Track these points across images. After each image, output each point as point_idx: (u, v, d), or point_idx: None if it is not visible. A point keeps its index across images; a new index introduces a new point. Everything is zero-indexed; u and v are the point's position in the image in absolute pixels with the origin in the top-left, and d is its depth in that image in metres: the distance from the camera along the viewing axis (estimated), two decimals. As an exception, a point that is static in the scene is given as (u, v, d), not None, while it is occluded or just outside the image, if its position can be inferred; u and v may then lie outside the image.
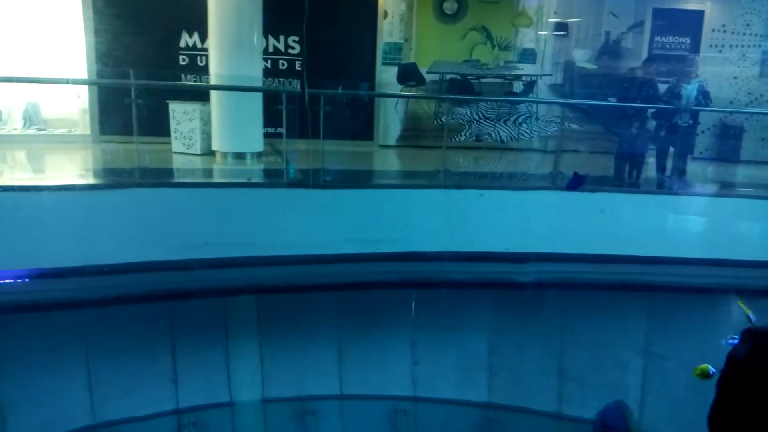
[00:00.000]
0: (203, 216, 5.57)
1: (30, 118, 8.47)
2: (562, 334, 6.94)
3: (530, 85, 9.50)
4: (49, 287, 5.20)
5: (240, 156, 7.36)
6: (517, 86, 9.82)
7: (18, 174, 6.59)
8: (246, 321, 6.63)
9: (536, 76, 9.65)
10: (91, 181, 6.89)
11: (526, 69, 9.86)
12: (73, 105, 8.67)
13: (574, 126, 7.54)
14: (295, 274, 5.84)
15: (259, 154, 7.42)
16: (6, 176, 5.45)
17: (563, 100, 8.74)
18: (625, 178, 6.96)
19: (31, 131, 8.39)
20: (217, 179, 7.29)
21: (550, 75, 9.91)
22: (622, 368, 6.83)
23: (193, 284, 5.58)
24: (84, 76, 8.00)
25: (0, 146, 6.88)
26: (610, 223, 6.18)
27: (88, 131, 8.28)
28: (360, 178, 7.30)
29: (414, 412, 7.22)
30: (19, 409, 5.79)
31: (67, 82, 8.01)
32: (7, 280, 5.19)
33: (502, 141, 7.63)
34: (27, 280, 5.15)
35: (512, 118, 7.64)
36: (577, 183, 5.74)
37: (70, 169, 7.28)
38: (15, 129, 8.33)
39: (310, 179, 6.09)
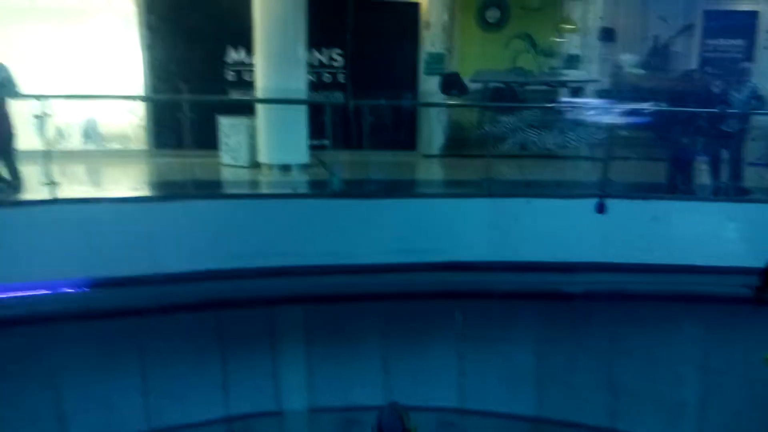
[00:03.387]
0: (252, 226, 5.68)
1: (89, 133, 8.85)
2: (614, 346, 6.73)
3: (576, 92, 9.34)
4: (105, 295, 5.40)
5: (286, 167, 7.49)
6: (563, 93, 9.67)
7: (79, 187, 6.88)
8: (293, 330, 6.70)
9: (582, 82, 9.48)
10: (148, 193, 7.15)
11: (571, 75, 9.70)
12: (128, 120, 9.02)
13: (624, 132, 7.36)
14: (341, 283, 5.88)
15: (305, 166, 7.53)
16: (67, 189, 5.69)
17: (609, 106, 8.54)
18: (678, 184, 6.75)
19: (90, 146, 8.76)
20: (263, 191, 7.43)
21: (597, 81, 9.71)
22: (678, 383, 6.57)
23: (242, 293, 5.69)
24: (141, 92, 8.33)
25: (61, 161, 7.17)
26: (663, 231, 5.99)
27: (143, 146, 8.60)
28: (404, 188, 7.31)
29: (460, 425, 7.12)
30: (79, 413, 6.01)
31: (120, 98, 8.38)
32: (67, 289, 5.41)
33: (548, 149, 7.52)
34: (86, 288, 5.36)
35: (558, 126, 7.51)
36: (602, 206, 5.77)
37: (128, 183, 7.57)
38: (75, 144, 8.71)
39: (354, 189, 6.14)
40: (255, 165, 7.67)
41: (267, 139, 7.54)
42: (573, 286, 6.06)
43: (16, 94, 6.14)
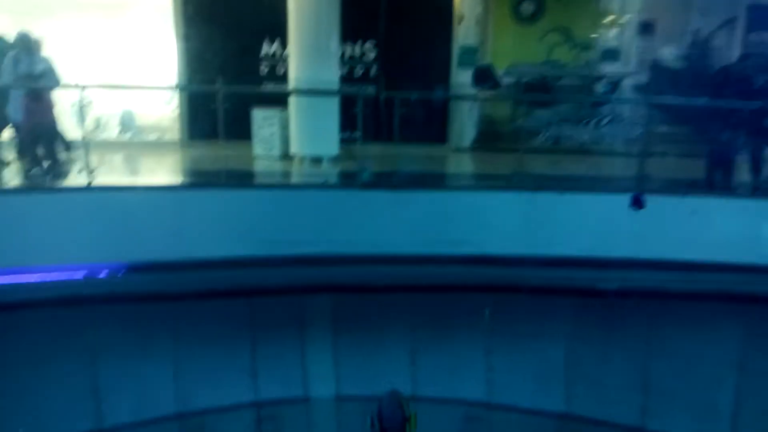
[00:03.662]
0: (282, 215, 5.73)
1: (125, 124, 9.07)
2: (648, 344, 6.59)
3: (613, 86, 9.15)
4: (141, 280, 5.53)
5: (317, 159, 7.54)
6: (600, 87, 9.49)
7: (116, 175, 7.05)
8: (321, 319, 6.76)
9: (619, 75, 9.28)
10: (182, 182, 7.29)
11: (608, 69, 9.50)
12: (163, 112, 9.21)
13: (661, 127, 7.17)
14: (370, 273, 5.88)
15: (336, 158, 7.56)
16: (104, 177, 5.84)
17: (645, 99, 8.33)
18: (717, 181, 6.56)
19: (127, 137, 8.98)
20: (295, 181, 7.49)
21: (635, 74, 9.49)
22: (714, 383, 6.41)
23: (273, 281, 5.75)
24: (176, 84, 8.49)
25: (99, 150, 7.40)
26: (700, 228, 5.83)
27: (177, 136, 8.77)
28: (434, 180, 7.27)
29: (487, 419, 7.08)
30: (114, 391, 6.18)
31: (156, 89, 8.56)
32: (105, 273, 5.55)
33: (582, 143, 7.39)
34: (122, 273, 5.49)
35: (594, 121, 7.38)
36: (638, 202, 5.61)
37: (163, 172, 7.72)
38: (112, 135, 8.94)
39: (384, 181, 6.14)
40: (287, 156, 7.74)
41: (299, 131, 7.60)
42: (607, 283, 5.94)
43: (57, 85, 6.31)
